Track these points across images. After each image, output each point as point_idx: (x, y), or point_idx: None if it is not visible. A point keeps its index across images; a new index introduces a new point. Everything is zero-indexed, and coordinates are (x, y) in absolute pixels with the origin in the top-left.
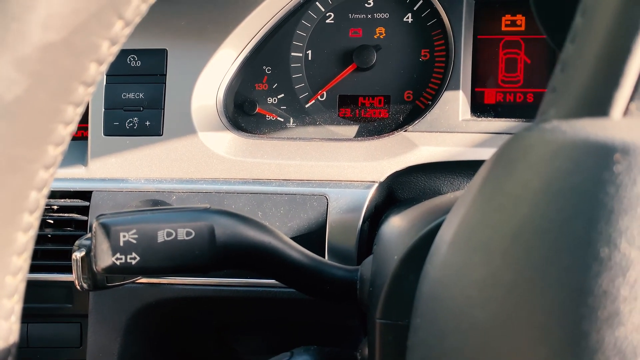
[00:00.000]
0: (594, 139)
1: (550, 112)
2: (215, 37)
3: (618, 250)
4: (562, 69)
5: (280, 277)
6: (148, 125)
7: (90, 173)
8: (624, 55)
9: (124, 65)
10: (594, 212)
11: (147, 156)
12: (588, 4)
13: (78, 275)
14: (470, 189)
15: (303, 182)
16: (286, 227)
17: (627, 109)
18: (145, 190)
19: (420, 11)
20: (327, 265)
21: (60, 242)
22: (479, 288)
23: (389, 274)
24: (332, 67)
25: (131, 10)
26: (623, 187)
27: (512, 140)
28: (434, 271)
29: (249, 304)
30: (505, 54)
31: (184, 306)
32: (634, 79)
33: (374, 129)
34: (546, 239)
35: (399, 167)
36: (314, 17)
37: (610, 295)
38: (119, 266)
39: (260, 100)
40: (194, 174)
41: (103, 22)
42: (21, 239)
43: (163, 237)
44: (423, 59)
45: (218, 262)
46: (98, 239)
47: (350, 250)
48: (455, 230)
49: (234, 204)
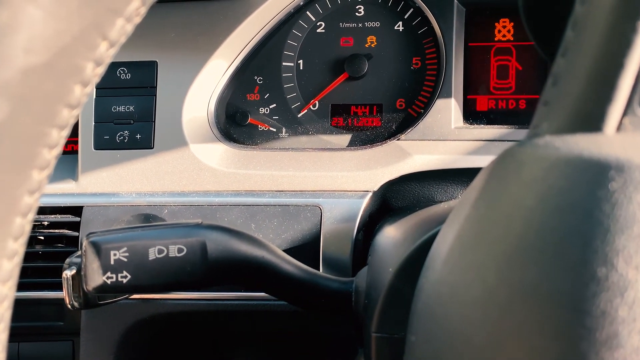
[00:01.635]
0: (588, 155)
1: (542, 126)
2: (205, 48)
3: (615, 270)
4: (553, 83)
5: (274, 292)
6: (139, 138)
7: (81, 188)
8: (617, 69)
9: (114, 78)
10: (590, 231)
11: (139, 170)
12: (578, 18)
13: (69, 294)
14: (464, 204)
15: (296, 192)
16: (280, 238)
17: (621, 124)
18: (136, 204)
19: (411, 19)
20: (322, 277)
21: (51, 259)
22: (474, 307)
23: (384, 286)
24: (323, 76)
25: (116, 30)
26: (619, 205)
27: (504, 155)
28: (429, 287)
29: (243, 318)
30: (497, 61)
31: (177, 321)
32: (626, 94)
33: (367, 138)
34: (541, 258)
35: (392, 176)
36: (304, 27)
37: (608, 316)
38: (110, 285)
39: (252, 110)
40: (186, 187)
41: (87, 44)
42: (6, 267)
43: (154, 254)
44: (414, 67)
45: (211, 278)
46: (88, 257)
47: (345, 260)
48: (450, 247)
49: (227, 216)
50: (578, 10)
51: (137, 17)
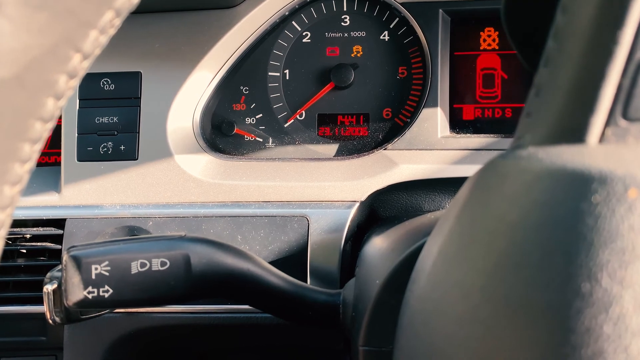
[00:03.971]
0: (571, 168)
1: (525, 137)
2: (190, 58)
3: (599, 285)
4: (536, 94)
5: (260, 305)
6: (123, 149)
7: (64, 200)
8: (598, 80)
9: (97, 89)
10: (573, 246)
11: (123, 181)
12: (560, 28)
13: (50, 309)
14: (448, 217)
15: (283, 203)
16: (267, 250)
17: (603, 135)
18: (120, 216)
19: (397, 29)
20: (309, 290)
21: (34, 272)
22: (458, 325)
23: (371, 298)
24: (310, 86)
25: (89, 43)
26: (602, 219)
27: (486, 168)
28: (414, 302)
29: (230, 331)
30: (482, 70)
31: (163, 335)
32: (608, 104)
33: (354, 148)
34: (525, 274)
35: (379, 186)
36: (290, 37)
37: (593, 333)
38: (91, 300)
39: (239, 120)
40: (171, 199)
41: (59, 57)
42: None
43: (137, 268)
44: (400, 77)
45: (195, 292)
46: (69, 272)
47: (333, 271)
48: (434, 262)
49: (213, 228)
50: (559, 21)
51: (111, 28)
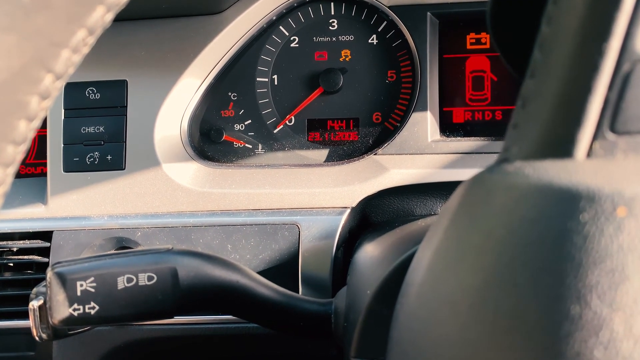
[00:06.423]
0: (558, 185)
1: (512, 150)
2: (177, 65)
3: (589, 307)
4: (522, 105)
5: (250, 317)
6: (110, 159)
7: (51, 212)
8: (585, 93)
9: (83, 99)
10: (562, 266)
11: (110, 192)
12: (545, 39)
13: (36, 325)
14: (437, 229)
15: (273, 211)
16: (257, 259)
17: (591, 149)
18: (108, 227)
19: (385, 32)
20: (300, 300)
21: (21, 286)
22: (447, 344)
23: (362, 309)
24: (299, 91)
25: (61, 63)
26: (590, 238)
27: (474, 182)
28: (404, 318)
29: (221, 341)
30: (472, 72)
31: (153, 347)
32: (595, 118)
33: (344, 153)
34: (513, 294)
35: (370, 191)
36: (278, 42)
37: (583, 357)
38: (76, 317)
39: (227, 127)
40: (160, 208)
41: (30, 79)
42: None
43: (123, 283)
44: (390, 81)
45: (183, 306)
46: (53, 289)
47: (325, 279)
48: (422, 277)
49: (202, 237)
50: (544, 31)
51: (85, 47)
